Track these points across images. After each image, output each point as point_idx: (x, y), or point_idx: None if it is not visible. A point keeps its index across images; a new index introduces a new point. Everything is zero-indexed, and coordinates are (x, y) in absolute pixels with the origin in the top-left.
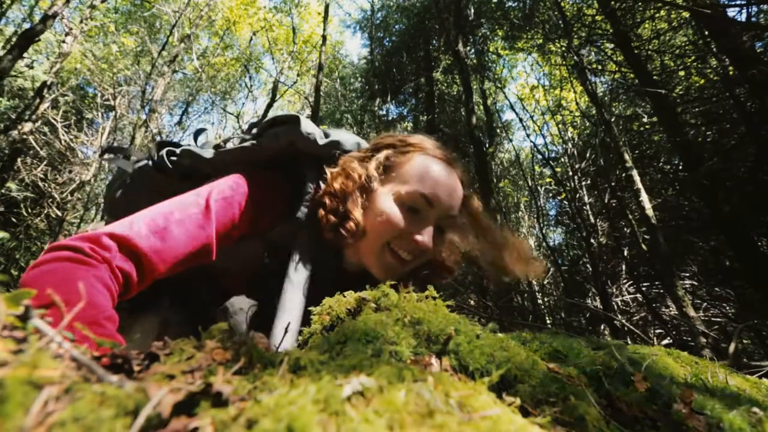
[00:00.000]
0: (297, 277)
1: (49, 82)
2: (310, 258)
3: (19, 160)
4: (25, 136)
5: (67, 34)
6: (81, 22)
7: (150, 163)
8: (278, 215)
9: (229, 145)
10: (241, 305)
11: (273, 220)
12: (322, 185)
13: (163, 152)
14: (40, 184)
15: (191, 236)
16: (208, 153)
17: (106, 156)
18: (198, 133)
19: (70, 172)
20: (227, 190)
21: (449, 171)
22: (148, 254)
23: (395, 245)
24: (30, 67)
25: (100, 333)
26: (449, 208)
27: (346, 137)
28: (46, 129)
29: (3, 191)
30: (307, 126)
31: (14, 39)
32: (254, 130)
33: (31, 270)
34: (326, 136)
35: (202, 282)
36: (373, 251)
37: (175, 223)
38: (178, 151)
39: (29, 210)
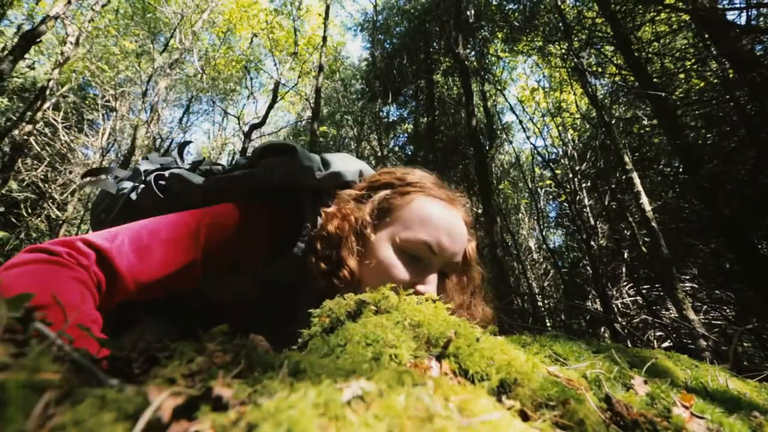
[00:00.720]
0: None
1: (50, 84)
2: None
3: (19, 160)
4: (26, 137)
5: (65, 42)
6: (83, 24)
7: (133, 195)
8: (273, 248)
9: (218, 168)
10: None
11: (267, 252)
12: (319, 221)
13: (151, 178)
14: (41, 184)
15: (173, 259)
16: (198, 179)
17: (86, 179)
18: (183, 146)
19: (71, 172)
20: (221, 216)
21: (452, 213)
22: (122, 272)
23: None
24: (31, 68)
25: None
26: (453, 254)
27: (348, 166)
28: (46, 130)
29: (4, 191)
30: (304, 158)
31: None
32: (243, 162)
33: (6, 270)
34: (325, 164)
35: (194, 310)
36: None
37: (160, 242)
38: (166, 174)
39: (29, 210)
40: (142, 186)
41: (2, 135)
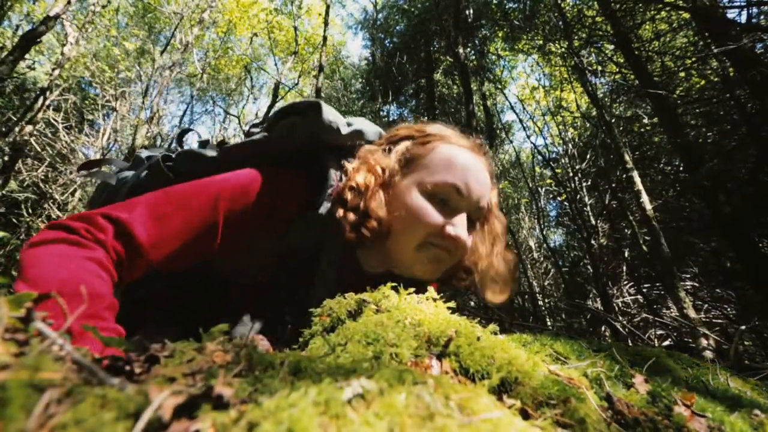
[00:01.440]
0: (328, 277)
1: (50, 84)
2: (338, 259)
3: (20, 161)
4: (26, 137)
5: (65, 44)
6: (83, 25)
7: (142, 174)
8: (295, 212)
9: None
10: (243, 331)
11: (288, 217)
12: (344, 178)
13: (159, 158)
14: (41, 185)
15: (193, 226)
16: (212, 152)
17: (82, 172)
18: (183, 134)
19: (71, 173)
20: (242, 179)
21: (476, 158)
22: (142, 241)
23: (432, 241)
24: (31, 68)
25: (101, 326)
26: (479, 198)
27: (368, 126)
28: (47, 130)
29: (4, 192)
30: (329, 114)
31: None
32: (262, 126)
33: (28, 250)
34: (348, 125)
35: (203, 295)
36: (407, 250)
37: (179, 209)
38: (173, 155)
39: (30, 211)
40: (146, 171)
41: (2, 135)
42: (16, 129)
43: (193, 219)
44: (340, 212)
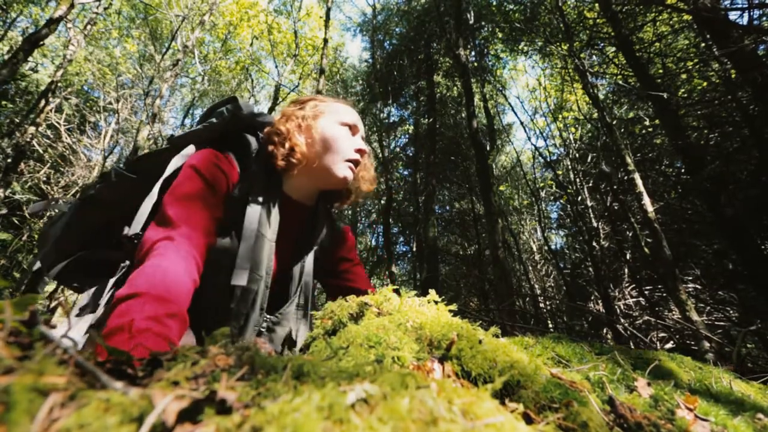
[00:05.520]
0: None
1: (52, 87)
2: (264, 191)
3: (22, 162)
4: (29, 139)
5: (67, 46)
6: (85, 27)
7: (95, 190)
8: (237, 176)
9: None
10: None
11: (234, 180)
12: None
13: (113, 167)
14: (43, 186)
15: (202, 197)
16: (163, 148)
17: (38, 209)
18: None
19: (73, 174)
20: (202, 159)
21: (354, 109)
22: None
23: (350, 156)
24: (34, 70)
25: (157, 330)
26: (363, 133)
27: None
28: (49, 132)
29: (7, 194)
30: (244, 103)
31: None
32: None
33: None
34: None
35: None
36: (336, 163)
37: (188, 201)
38: (124, 163)
39: None
40: (101, 184)
41: (5, 136)
42: (18, 131)
43: (198, 194)
44: (270, 148)
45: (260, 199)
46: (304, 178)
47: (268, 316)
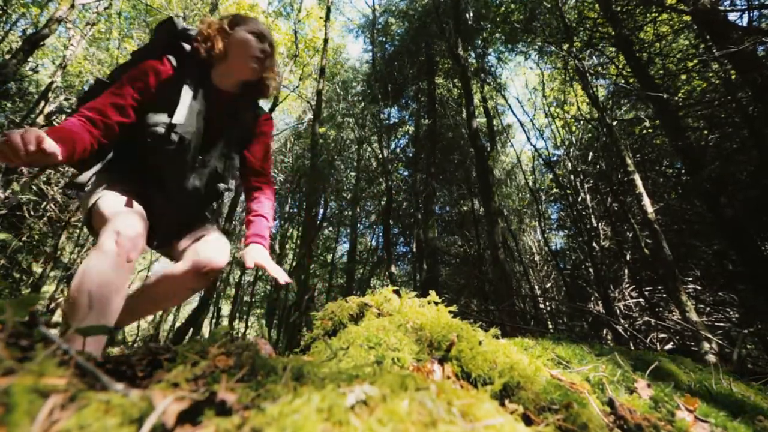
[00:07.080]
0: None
1: (52, 86)
2: (195, 78)
3: None
4: None
5: (67, 47)
6: (85, 26)
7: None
8: (171, 70)
9: None
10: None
11: (169, 73)
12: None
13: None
14: (42, 186)
15: (135, 84)
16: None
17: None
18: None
19: (73, 174)
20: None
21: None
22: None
23: (256, 54)
24: (35, 71)
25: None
26: (271, 42)
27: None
28: None
29: (6, 194)
30: (178, 20)
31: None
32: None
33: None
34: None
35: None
36: (246, 60)
37: (126, 81)
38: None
39: (31, 212)
40: (92, 85)
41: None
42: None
43: (134, 82)
44: (196, 45)
45: (191, 82)
46: (225, 70)
47: (200, 157)
